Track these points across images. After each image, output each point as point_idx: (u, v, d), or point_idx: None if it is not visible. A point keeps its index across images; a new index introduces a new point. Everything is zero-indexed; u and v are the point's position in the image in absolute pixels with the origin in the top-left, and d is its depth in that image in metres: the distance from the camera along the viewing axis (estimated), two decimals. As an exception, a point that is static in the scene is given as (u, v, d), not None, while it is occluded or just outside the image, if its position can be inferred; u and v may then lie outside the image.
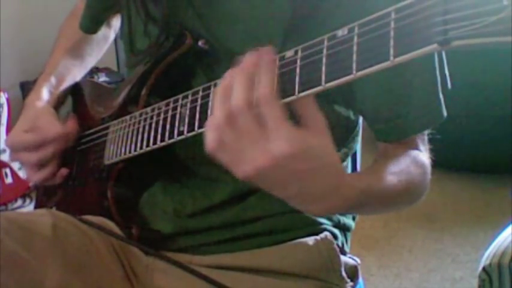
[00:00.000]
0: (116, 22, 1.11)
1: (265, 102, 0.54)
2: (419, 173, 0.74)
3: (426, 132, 0.80)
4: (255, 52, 0.57)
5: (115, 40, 1.18)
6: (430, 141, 0.80)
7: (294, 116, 0.57)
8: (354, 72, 0.50)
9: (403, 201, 0.75)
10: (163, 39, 0.84)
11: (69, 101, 1.08)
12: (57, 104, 1.03)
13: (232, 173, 0.83)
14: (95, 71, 2.46)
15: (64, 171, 0.96)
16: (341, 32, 0.53)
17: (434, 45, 0.45)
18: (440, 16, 0.44)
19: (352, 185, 0.62)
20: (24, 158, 0.95)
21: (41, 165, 0.94)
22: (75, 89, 1.07)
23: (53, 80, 1.03)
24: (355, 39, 0.51)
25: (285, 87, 0.57)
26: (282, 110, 0.55)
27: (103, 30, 1.10)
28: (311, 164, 0.56)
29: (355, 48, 0.51)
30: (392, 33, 0.47)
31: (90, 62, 1.14)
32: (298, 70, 0.56)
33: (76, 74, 1.09)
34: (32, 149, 0.93)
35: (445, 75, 0.77)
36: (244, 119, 0.55)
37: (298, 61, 0.56)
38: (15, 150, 0.96)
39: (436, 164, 0.78)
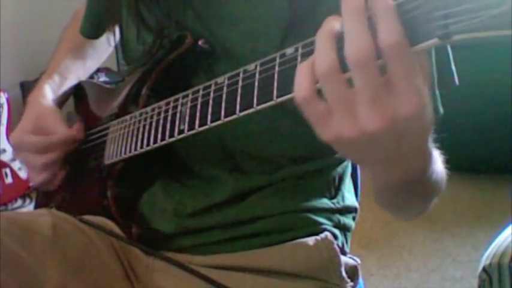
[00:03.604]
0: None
1: (396, 51, 0.45)
2: (443, 167, 0.72)
3: None
4: None
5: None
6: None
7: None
8: None
9: (434, 194, 0.69)
10: (157, 48, 0.84)
11: (70, 101, 1.08)
12: (59, 103, 1.03)
13: (232, 173, 0.84)
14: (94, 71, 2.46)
15: (62, 173, 0.96)
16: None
17: (435, 40, 0.45)
18: (441, 10, 0.44)
19: (431, 150, 0.56)
20: (29, 159, 0.94)
21: (45, 168, 0.94)
22: (77, 90, 1.07)
23: (56, 78, 1.03)
24: None
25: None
26: (415, 62, 0.47)
27: (105, 35, 1.10)
28: (422, 123, 0.49)
29: None
30: None
31: (93, 64, 1.13)
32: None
33: (79, 74, 1.08)
34: (37, 152, 0.92)
35: (452, 72, 0.75)
36: (367, 69, 0.46)
37: (299, 58, 0.56)
38: (20, 150, 0.95)
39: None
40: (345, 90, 0.48)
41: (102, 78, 2.51)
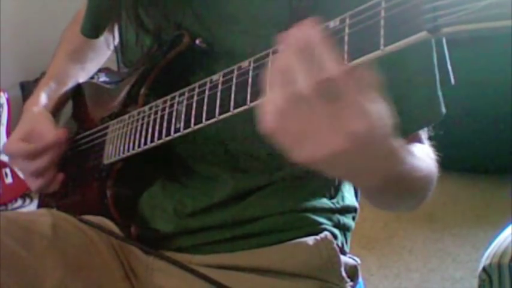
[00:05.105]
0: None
1: (339, 77, 0.50)
2: (434, 164, 0.73)
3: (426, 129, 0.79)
4: (298, 29, 0.53)
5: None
6: (430, 140, 0.80)
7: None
8: (346, 62, 0.50)
9: (423, 190, 0.72)
10: (156, 50, 0.84)
11: (70, 102, 1.08)
12: (57, 106, 1.03)
13: (232, 173, 0.84)
14: (94, 71, 2.47)
15: (60, 177, 0.97)
16: (333, 23, 0.53)
17: (424, 33, 0.44)
18: (430, 3, 0.43)
19: (400, 152, 0.59)
20: (22, 166, 0.96)
21: (38, 173, 0.95)
22: (76, 90, 1.08)
23: (52, 84, 1.04)
24: (347, 29, 0.51)
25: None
26: (357, 82, 0.51)
27: (105, 36, 1.10)
28: (382, 132, 0.53)
29: (346, 38, 0.51)
30: (382, 22, 0.47)
31: (92, 67, 1.14)
32: None
33: (77, 78, 1.09)
34: (28, 158, 0.94)
35: (448, 71, 0.76)
36: (316, 100, 0.51)
37: None
38: (13, 158, 0.97)
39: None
40: (302, 120, 0.52)
41: (102, 78, 2.50)
